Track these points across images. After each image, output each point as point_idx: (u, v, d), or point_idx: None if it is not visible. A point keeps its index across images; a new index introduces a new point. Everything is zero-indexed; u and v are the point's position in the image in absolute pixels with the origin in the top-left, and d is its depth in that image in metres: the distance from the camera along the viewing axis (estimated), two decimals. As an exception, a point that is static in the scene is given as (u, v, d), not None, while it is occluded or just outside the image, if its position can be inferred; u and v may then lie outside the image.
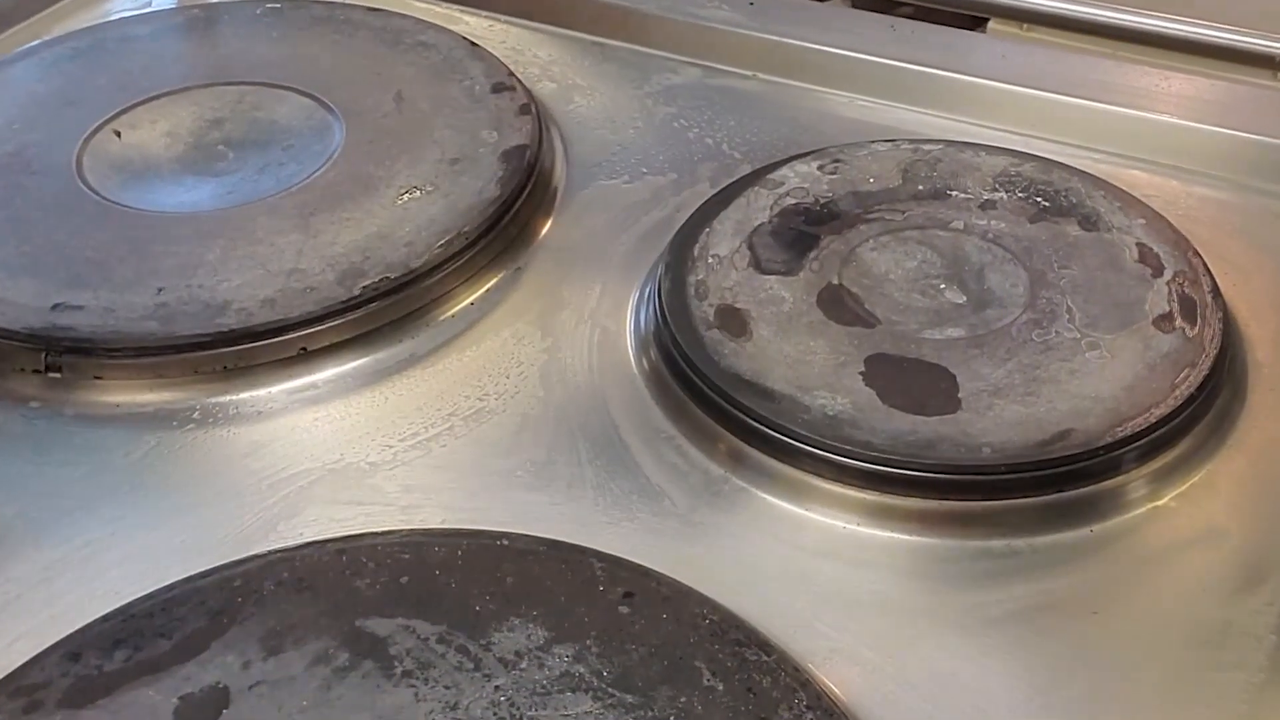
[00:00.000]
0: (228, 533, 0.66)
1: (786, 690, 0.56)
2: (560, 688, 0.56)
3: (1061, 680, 0.60)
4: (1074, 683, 0.60)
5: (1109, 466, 0.67)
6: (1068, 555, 0.65)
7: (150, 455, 0.70)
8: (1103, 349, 0.72)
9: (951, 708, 0.58)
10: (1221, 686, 0.59)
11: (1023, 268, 0.77)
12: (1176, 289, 0.75)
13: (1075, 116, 0.90)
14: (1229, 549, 0.65)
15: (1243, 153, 0.87)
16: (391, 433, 0.71)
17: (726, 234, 0.79)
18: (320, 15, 1.01)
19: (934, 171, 0.84)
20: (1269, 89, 0.90)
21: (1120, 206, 0.81)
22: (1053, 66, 0.93)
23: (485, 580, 0.60)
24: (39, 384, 0.73)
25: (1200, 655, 0.61)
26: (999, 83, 0.92)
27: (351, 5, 1.02)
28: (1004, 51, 0.96)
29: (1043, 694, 0.59)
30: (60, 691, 0.56)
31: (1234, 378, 0.73)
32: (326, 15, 1.01)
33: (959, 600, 0.63)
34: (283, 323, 0.74)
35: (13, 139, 0.88)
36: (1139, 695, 0.59)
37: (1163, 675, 0.60)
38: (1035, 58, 0.95)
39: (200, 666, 0.57)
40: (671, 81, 0.97)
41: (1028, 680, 0.60)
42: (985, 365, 0.71)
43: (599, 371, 0.75)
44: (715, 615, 0.59)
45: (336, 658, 0.57)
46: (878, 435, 0.67)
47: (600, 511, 0.67)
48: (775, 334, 0.73)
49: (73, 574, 0.64)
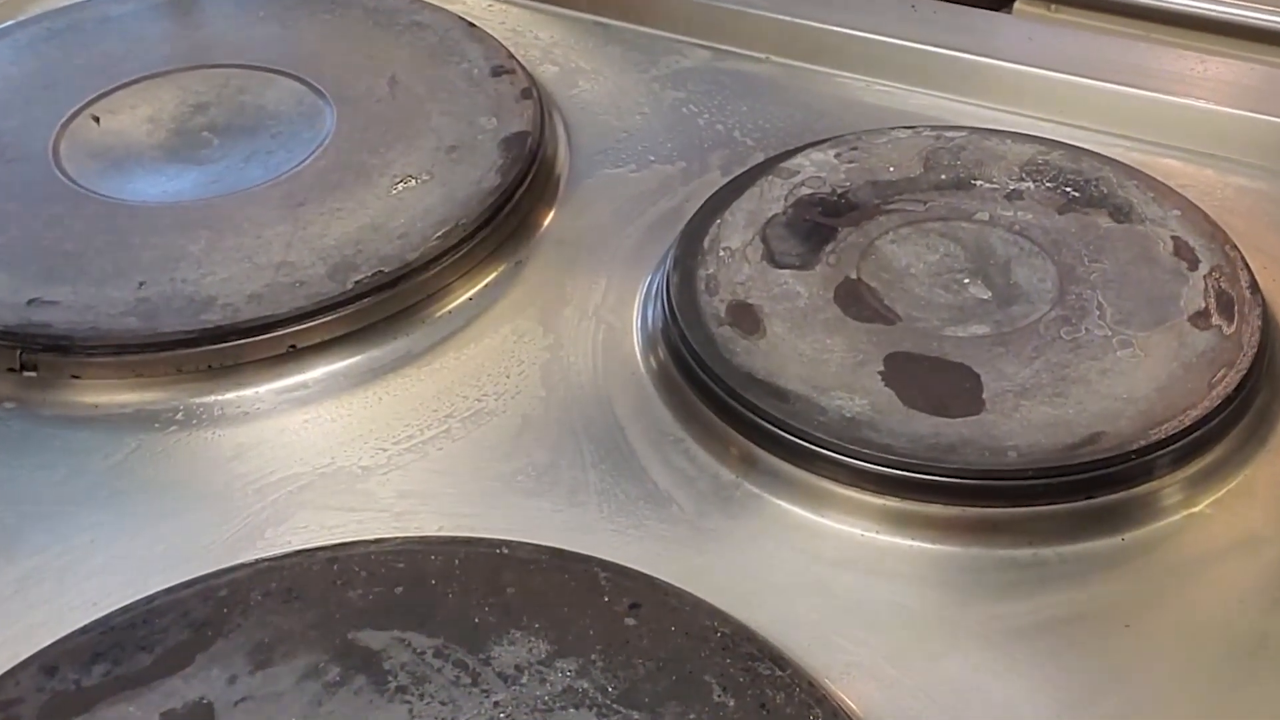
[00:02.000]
0: (213, 540, 0.66)
1: (802, 707, 0.56)
2: (563, 704, 0.56)
3: (1092, 696, 0.60)
4: (1105, 698, 0.60)
5: (1142, 471, 0.67)
6: (1098, 565, 0.65)
7: (131, 458, 0.70)
8: (1135, 347, 0.72)
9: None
10: (1260, 701, 0.60)
11: (1051, 261, 0.77)
12: (1213, 284, 0.75)
13: (1106, 102, 0.90)
14: (1268, 557, 0.65)
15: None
16: (385, 435, 0.71)
17: (738, 226, 0.80)
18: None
19: (957, 160, 0.84)
20: (1310, 73, 0.91)
21: (1154, 197, 0.81)
22: (1082, 49, 0.94)
23: (484, 591, 0.61)
24: (13, 384, 0.73)
25: (1238, 668, 0.61)
26: (1025, 66, 0.93)
27: (343, -16, 1.02)
28: (1030, 33, 0.96)
29: (1072, 710, 0.59)
30: (36, 708, 0.57)
31: (1273, 377, 0.73)
32: (317, -6, 1.01)
33: (983, 612, 0.63)
34: (271, 319, 0.74)
35: (-15, 125, 0.88)
36: (1174, 711, 0.59)
37: (1199, 690, 0.60)
38: (1063, 40, 0.95)
39: (184, 681, 0.57)
40: (680, 65, 0.97)
41: (1056, 696, 0.60)
42: (1011, 364, 0.71)
43: (604, 371, 0.75)
44: (726, 627, 0.59)
45: (327, 672, 0.58)
46: (897, 438, 0.67)
47: (605, 518, 0.67)
48: (790, 331, 0.73)
49: (49, 584, 0.64)
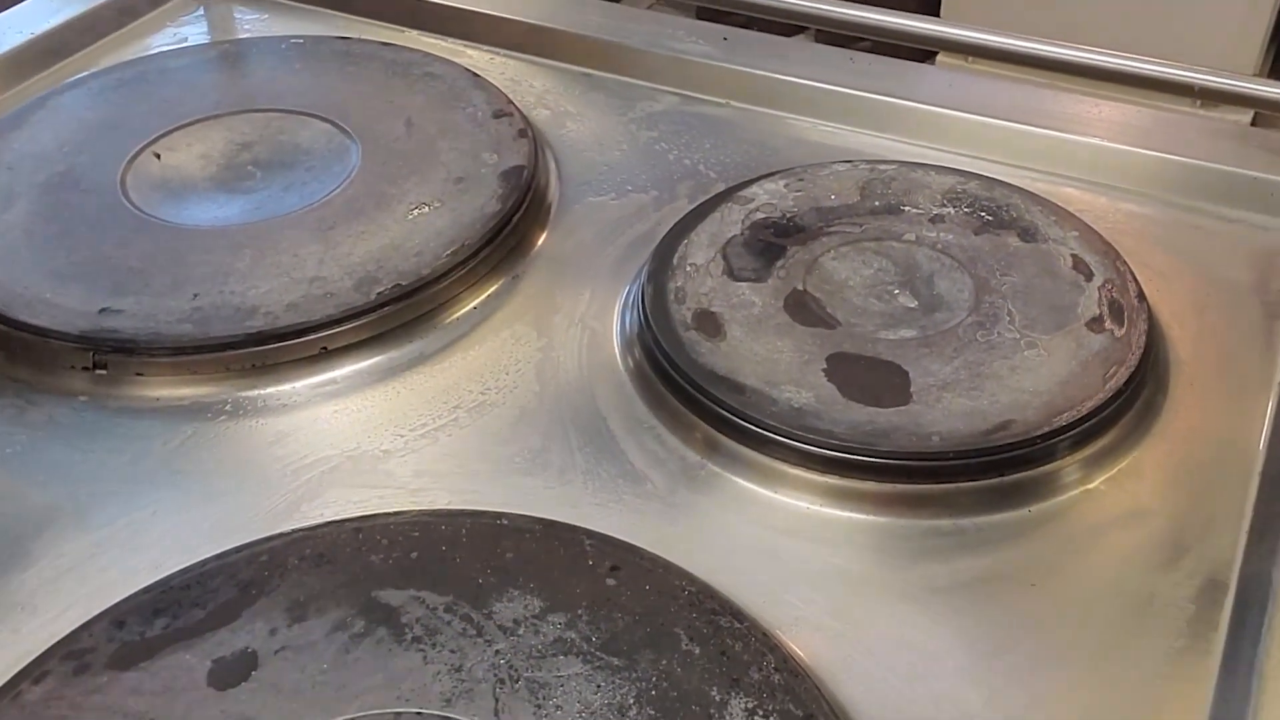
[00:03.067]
0: (256, 513, 0.66)
1: (756, 654, 0.56)
2: (554, 652, 0.56)
3: (1003, 645, 0.60)
4: (1014, 648, 0.60)
5: (1045, 454, 0.67)
6: (1008, 533, 0.65)
7: (186, 444, 0.70)
8: (1040, 348, 0.72)
9: (904, 670, 0.59)
10: (1147, 651, 0.60)
11: (968, 275, 0.77)
12: (1106, 294, 0.75)
13: (1015, 139, 0.90)
14: (1153, 528, 0.65)
15: (1165, 172, 0.87)
16: (403, 423, 0.71)
17: (702, 245, 0.79)
18: (339, 49, 1.00)
19: (888, 189, 0.84)
20: (1188, 115, 0.91)
21: (1055, 220, 0.81)
22: (994, 95, 0.93)
23: (486, 556, 0.60)
24: (87, 380, 0.73)
25: (1128, 623, 0.61)
26: (947, 109, 0.92)
27: (366, 40, 1.02)
28: (950, 81, 0.96)
29: (985, 658, 0.59)
30: (106, 655, 0.57)
31: (1157, 374, 0.73)
32: (344, 49, 1.00)
33: (911, 573, 0.63)
34: (305, 325, 0.74)
35: (63, 160, 0.88)
36: (1073, 660, 0.59)
37: (1094, 642, 0.60)
38: (979, 87, 0.95)
39: (231, 633, 0.57)
40: (653, 109, 0.97)
41: (972, 645, 0.60)
42: (934, 363, 0.71)
43: (588, 368, 0.75)
44: (693, 587, 0.59)
45: (353, 625, 0.57)
46: (838, 425, 0.67)
47: (589, 494, 0.67)
48: (746, 335, 0.73)
49: (117, 550, 0.64)
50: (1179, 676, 0.59)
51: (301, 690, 0.55)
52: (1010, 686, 0.58)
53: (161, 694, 0.55)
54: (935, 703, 0.57)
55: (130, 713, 0.54)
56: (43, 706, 0.55)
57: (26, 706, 0.55)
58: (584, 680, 0.55)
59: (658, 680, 0.55)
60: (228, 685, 0.55)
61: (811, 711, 0.53)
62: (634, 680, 0.55)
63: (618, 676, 0.55)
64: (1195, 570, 0.63)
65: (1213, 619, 0.61)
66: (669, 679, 0.55)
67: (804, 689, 0.54)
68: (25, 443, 0.70)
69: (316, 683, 0.55)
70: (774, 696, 0.54)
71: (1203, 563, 0.63)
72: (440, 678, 0.55)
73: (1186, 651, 0.59)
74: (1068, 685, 0.58)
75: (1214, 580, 0.62)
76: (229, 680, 0.55)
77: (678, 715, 0.53)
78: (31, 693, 0.55)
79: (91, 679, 0.56)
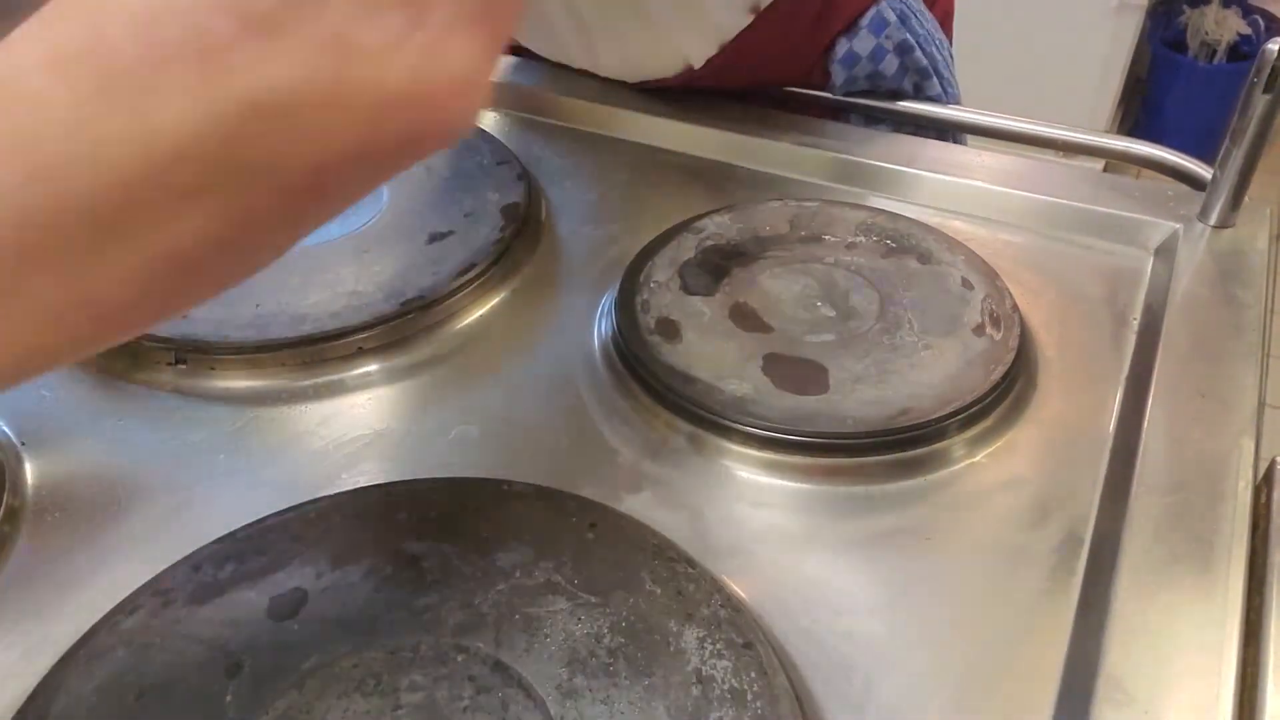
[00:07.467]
0: (305, 480, 0.66)
1: (706, 594, 0.56)
2: (544, 591, 0.56)
3: (906, 587, 0.60)
4: (915, 589, 0.60)
5: (938, 434, 0.67)
6: (909, 498, 0.65)
7: (250, 424, 0.70)
8: (934, 349, 0.72)
9: (825, 606, 0.59)
10: (1019, 593, 0.60)
11: (876, 291, 0.77)
12: (987, 306, 0.75)
13: (914, 182, 0.90)
14: (1026, 493, 0.66)
15: (1034, 209, 0.87)
16: (422, 408, 0.71)
17: (663, 266, 0.79)
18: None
19: (812, 221, 0.84)
20: (1053, 162, 0.91)
21: (947, 247, 0.81)
22: (898, 147, 0.94)
23: (491, 514, 0.60)
24: (170, 373, 0.73)
25: (1004, 570, 0.61)
26: (859, 158, 0.92)
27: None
28: (863, 136, 0.96)
29: (893, 597, 0.60)
30: (186, 593, 0.57)
31: (1028, 370, 0.73)
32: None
33: (832, 530, 0.63)
34: (345, 329, 0.74)
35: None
36: (960, 599, 0.60)
37: (978, 585, 0.60)
38: (885, 140, 0.95)
39: (286, 575, 0.57)
40: (624, 158, 0.97)
41: (882, 587, 0.60)
42: (849, 361, 0.71)
43: (572, 365, 0.75)
44: (656, 540, 0.59)
45: (384, 570, 0.58)
46: (772, 411, 0.68)
47: (574, 465, 0.67)
48: (698, 338, 0.73)
49: (194, 510, 0.64)
50: (1045, 612, 0.59)
51: (342, 621, 0.55)
52: (909, 620, 0.59)
53: (229, 624, 0.55)
54: (849, 634, 0.58)
55: (205, 639, 0.54)
56: (136, 634, 0.55)
57: (123, 634, 0.55)
58: (567, 614, 0.55)
59: (627, 615, 0.55)
60: (283, 617, 0.55)
61: (750, 640, 0.54)
62: (608, 615, 0.55)
63: (595, 611, 0.55)
64: (1059, 527, 0.63)
65: (1072, 567, 0.61)
66: (636, 613, 0.55)
67: (744, 622, 0.54)
68: (121, 423, 0.70)
69: (354, 615, 0.55)
70: (720, 628, 0.54)
71: (1064, 521, 0.64)
72: (453, 612, 0.55)
73: (1051, 593, 0.60)
74: (955, 620, 0.59)
75: (1074, 535, 0.63)
76: (284, 613, 0.56)
77: (643, 642, 0.54)
78: (126, 622, 0.55)
79: (174, 611, 0.56)
